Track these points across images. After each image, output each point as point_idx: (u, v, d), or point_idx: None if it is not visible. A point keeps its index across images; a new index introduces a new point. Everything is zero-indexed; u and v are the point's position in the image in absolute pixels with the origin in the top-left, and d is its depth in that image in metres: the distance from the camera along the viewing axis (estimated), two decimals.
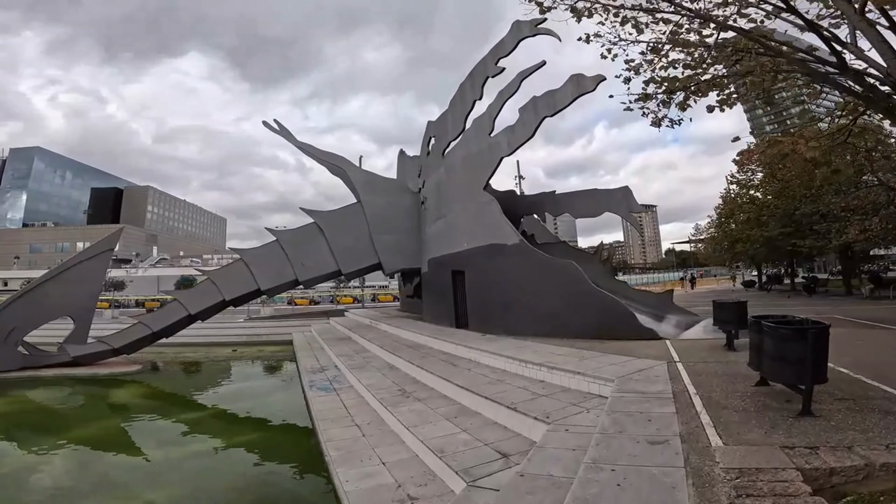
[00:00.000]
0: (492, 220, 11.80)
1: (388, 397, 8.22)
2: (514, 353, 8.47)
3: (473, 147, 13.05)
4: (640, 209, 14.49)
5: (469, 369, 8.72)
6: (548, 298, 10.39)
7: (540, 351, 8.53)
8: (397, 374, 10.27)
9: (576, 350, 8.37)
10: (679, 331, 10.69)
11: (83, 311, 17.73)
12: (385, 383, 9.42)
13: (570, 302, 10.03)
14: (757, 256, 26.85)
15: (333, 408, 8.75)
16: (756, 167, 24.70)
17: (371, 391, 8.84)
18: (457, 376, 8.18)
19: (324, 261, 18.21)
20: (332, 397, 9.70)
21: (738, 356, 7.26)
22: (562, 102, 10.66)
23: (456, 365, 9.28)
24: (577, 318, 9.91)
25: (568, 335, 9.87)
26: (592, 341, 9.25)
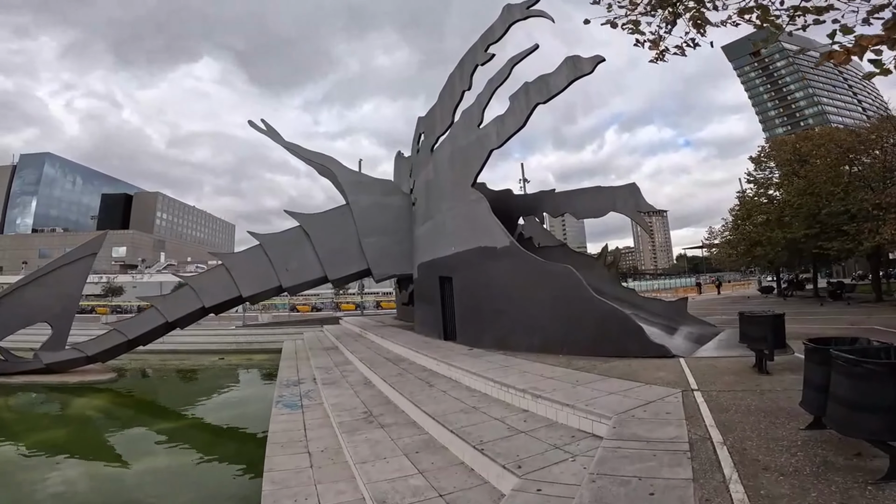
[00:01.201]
0: (480, 221, 10.53)
1: (350, 421, 7.06)
2: (497, 374, 7.16)
3: (462, 140, 11.83)
4: (649, 207, 13.08)
5: (445, 391, 7.44)
6: (542, 308, 9.07)
7: (529, 372, 7.20)
8: (370, 392, 9.09)
9: (571, 371, 7.03)
10: (695, 346, 9.27)
11: (61, 317, 17.04)
12: (353, 403, 8.27)
13: (567, 313, 8.69)
14: (777, 260, 24.99)
15: (291, 429, 7.66)
16: (776, 164, 23.07)
17: (334, 412, 7.70)
18: (428, 401, 6.91)
19: (309, 266, 17.14)
20: (296, 416, 8.56)
21: (774, 382, 5.88)
22: (556, 87, 9.40)
23: (432, 385, 8.01)
24: (575, 331, 8.57)
25: (565, 350, 8.55)
26: (593, 359, 7.91)
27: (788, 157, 21.89)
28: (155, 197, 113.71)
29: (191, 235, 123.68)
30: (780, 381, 5.96)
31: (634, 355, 7.81)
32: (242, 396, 15.28)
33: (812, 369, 3.76)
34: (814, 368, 3.73)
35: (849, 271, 49.15)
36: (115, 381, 16.45)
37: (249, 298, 17.55)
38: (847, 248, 18.72)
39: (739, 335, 7.18)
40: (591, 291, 8.31)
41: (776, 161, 23.22)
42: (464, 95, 12.38)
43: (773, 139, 27.59)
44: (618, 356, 7.91)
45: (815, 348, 3.71)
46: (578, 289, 8.50)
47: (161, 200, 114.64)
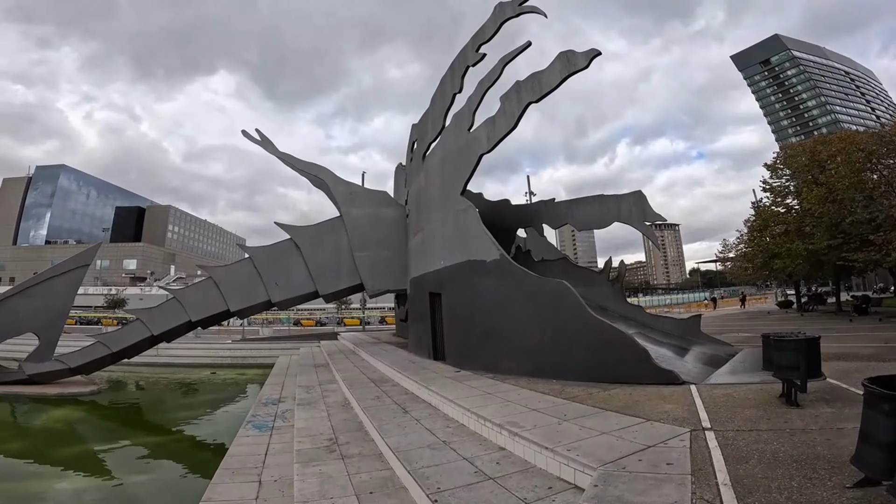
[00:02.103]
0: (469, 232, 9.72)
1: (310, 449, 6.25)
2: (476, 403, 6.24)
3: (452, 146, 11.10)
4: (657, 217, 12.14)
5: (419, 420, 6.56)
6: (534, 328, 8.15)
7: (513, 401, 6.27)
8: (345, 416, 8.28)
9: (561, 402, 6.08)
10: (709, 369, 8.23)
11: (49, 328, 16.78)
12: (321, 428, 7.46)
13: (561, 334, 7.76)
14: (797, 273, 23.49)
15: (251, 453, 6.98)
16: (793, 171, 21.86)
17: (298, 437, 6.93)
18: (395, 431, 6.05)
19: (299, 281, 16.53)
20: (262, 439, 7.88)
21: (807, 418, 4.88)
22: (549, 85, 8.65)
23: (408, 412, 7.14)
24: (570, 354, 7.63)
25: (560, 375, 7.60)
26: (591, 385, 6.96)
27: (806, 163, 20.70)
28: (167, 210, 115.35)
29: (202, 249, 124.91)
30: (815, 416, 4.96)
31: (638, 382, 6.84)
32: (222, 413, 14.60)
33: (873, 420, 2.82)
34: (877, 419, 2.78)
35: (869, 284, 46.97)
36: (98, 394, 16.13)
37: (237, 313, 16.96)
38: (873, 260, 17.39)
39: (764, 361, 6.17)
40: (589, 310, 7.38)
41: (793, 167, 22.03)
42: (455, 99, 11.72)
43: (788, 144, 26.33)
44: (619, 383, 6.95)
45: (882, 394, 2.75)
46: (574, 307, 7.58)
47: (173, 214, 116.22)
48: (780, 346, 5.68)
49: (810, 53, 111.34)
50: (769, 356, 5.97)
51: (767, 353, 6.05)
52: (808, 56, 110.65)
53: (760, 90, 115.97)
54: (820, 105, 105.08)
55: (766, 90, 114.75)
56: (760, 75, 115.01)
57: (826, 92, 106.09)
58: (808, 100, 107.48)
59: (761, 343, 6.37)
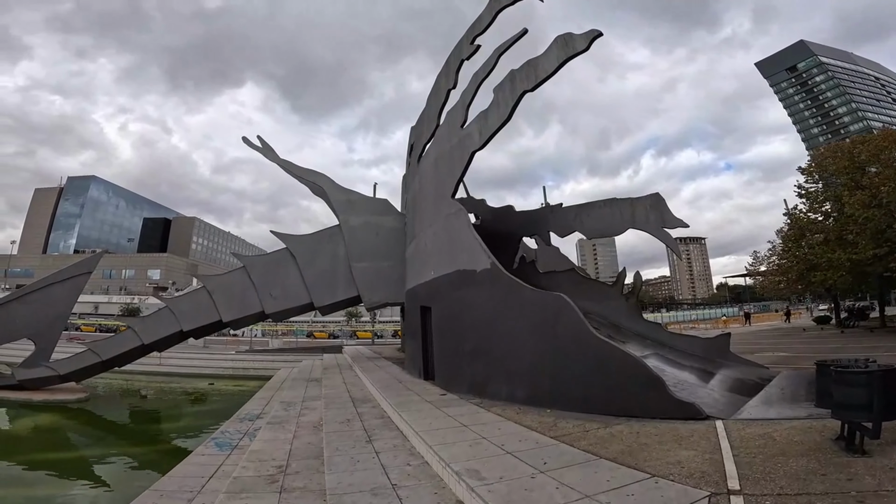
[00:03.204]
0: (459, 238, 8.72)
1: (250, 477, 5.38)
2: (443, 438, 5.19)
3: (445, 145, 10.19)
4: (678, 223, 10.81)
5: (379, 453, 5.51)
6: (528, 348, 7.01)
7: (488, 438, 5.14)
8: (312, 438, 7.36)
9: (547, 442, 4.91)
10: (739, 399, 6.91)
11: (46, 334, 16.62)
12: (277, 452, 6.53)
13: (558, 355, 6.60)
14: (838, 286, 21.26)
15: (194, 475, 6.23)
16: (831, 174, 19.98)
17: (245, 462, 6.09)
18: (344, 466, 5.07)
19: (294, 292, 15.83)
20: (217, 460, 7.04)
21: (880, 474, 3.61)
22: (545, 71, 7.66)
23: (372, 440, 6.13)
24: (569, 379, 6.45)
25: (556, 404, 6.43)
26: (591, 419, 5.78)
27: (845, 165, 18.88)
28: (192, 222, 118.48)
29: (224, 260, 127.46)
30: (891, 469, 3.68)
31: (650, 416, 5.63)
32: (210, 426, 13.96)
33: None
34: None
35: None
36: (86, 402, 15.83)
37: (230, 324, 16.37)
38: None
39: (817, 395, 4.87)
40: (590, 328, 6.21)
41: (830, 170, 20.14)
42: (449, 95, 10.84)
43: (825, 145, 24.25)
44: (627, 416, 5.75)
45: None
46: (574, 324, 6.42)
47: (197, 225, 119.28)
48: (845, 380, 4.31)
49: (838, 59, 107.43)
50: (825, 389, 4.67)
51: (823, 386, 4.74)
52: (837, 62, 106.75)
53: (788, 97, 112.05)
54: (851, 112, 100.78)
55: (793, 97, 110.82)
56: (787, 82, 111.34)
57: (857, 98, 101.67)
58: (838, 106, 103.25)
59: (815, 373, 5.05)
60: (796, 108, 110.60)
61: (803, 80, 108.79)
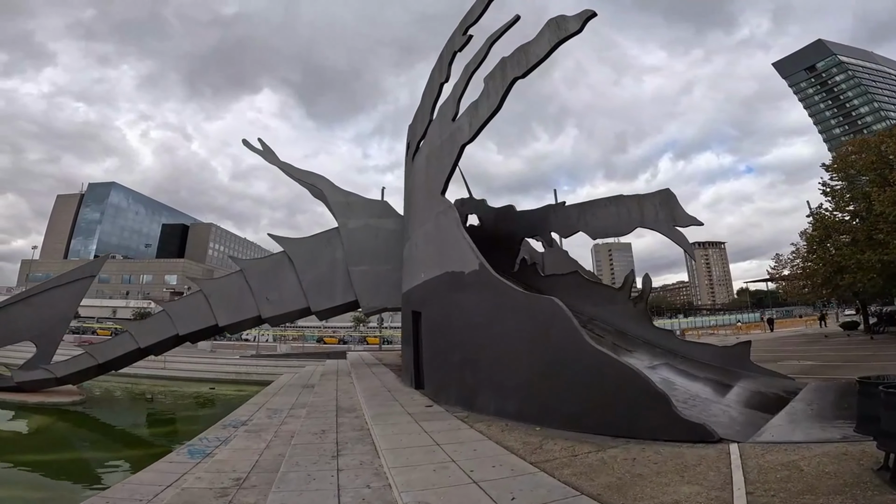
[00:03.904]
0: (447, 237, 8.12)
1: (201, 489, 5.04)
2: (407, 459, 4.64)
3: (437, 140, 9.65)
4: (690, 221, 10.00)
5: (342, 471, 4.94)
6: (518, 357, 6.35)
7: (459, 461, 4.51)
8: (281, 449, 6.86)
9: (525, 468, 4.24)
10: (760, 416, 6.10)
11: (48, 337, 16.69)
12: (242, 463, 6.11)
13: (551, 366, 5.92)
14: (867, 289, 19.79)
15: (151, 483, 5.82)
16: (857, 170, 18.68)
17: (202, 473, 5.78)
18: (293, 484, 4.54)
19: (291, 296, 15.44)
20: (182, 468, 6.59)
21: None
22: (537, 56, 7.06)
23: (340, 456, 5.57)
24: (562, 394, 5.77)
25: (548, 421, 5.76)
26: (584, 438, 5.11)
27: (872, 161, 17.64)
28: (209, 228, 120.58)
29: None
30: None
31: (652, 437, 4.92)
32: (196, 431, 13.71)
33: None
34: None
35: None
36: (80, 404, 15.85)
37: (227, 328, 16.09)
38: None
39: (859, 420, 4.09)
40: (585, 335, 5.53)
41: (857, 166, 18.85)
42: (442, 89, 10.31)
43: (850, 141, 22.82)
44: (626, 436, 5.05)
45: None
46: (567, 332, 5.75)
47: (214, 231, 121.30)
48: (893, 402, 3.45)
49: (859, 58, 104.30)
50: (869, 412, 3.88)
51: (867, 408, 3.96)
52: (857, 61, 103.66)
53: (808, 97, 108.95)
54: (874, 111, 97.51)
55: (813, 97, 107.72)
56: (807, 82, 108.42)
57: (879, 97, 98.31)
58: (859, 106, 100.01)
59: (857, 392, 4.25)
60: (817, 108, 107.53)
61: (823, 80, 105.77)
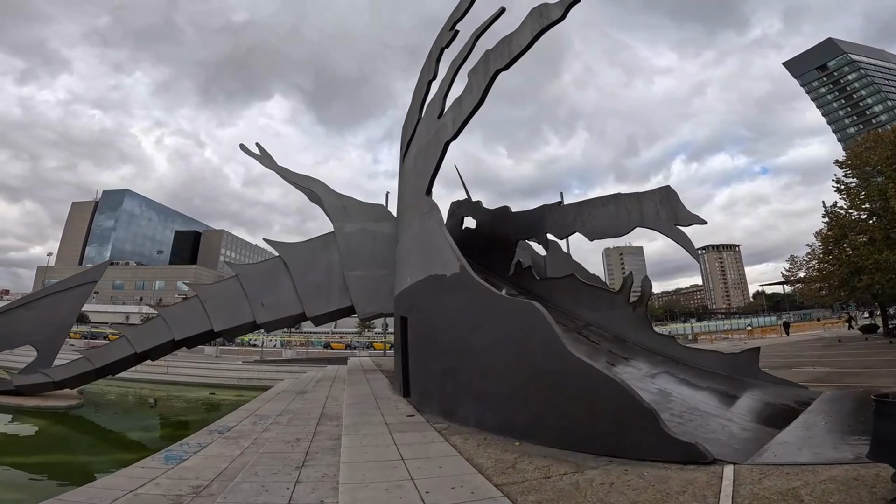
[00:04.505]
0: (431, 239, 7.77)
1: (153, 496, 4.91)
2: (362, 475, 4.28)
3: (423, 139, 9.34)
4: (693, 219, 9.44)
5: (300, 482, 4.68)
6: (498, 366, 5.94)
7: (419, 478, 4.10)
8: (255, 457, 6.52)
9: (487, 491, 3.78)
10: (766, 432, 5.57)
11: (49, 341, 16.64)
12: (206, 472, 5.91)
13: (533, 376, 5.49)
14: (886, 290, 18.74)
15: (112, 487, 5.45)
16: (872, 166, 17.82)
17: (162, 478, 5.60)
18: (243, 493, 4.30)
19: (286, 301, 15.21)
20: (152, 473, 6.24)
21: None
22: (519, 46, 6.73)
23: (304, 467, 5.30)
24: (544, 407, 5.34)
25: (530, 435, 5.33)
26: (565, 457, 4.68)
27: (888, 156, 16.79)
28: (220, 235, 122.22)
29: None
30: None
31: (638, 457, 4.47)
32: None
33: None
34: None
35: None
36: (76, 409, 15.81)
37: (222, 333, 15.95)
38: None
39: (874, 445, 3.54)
40: (565, 343, 5.09)
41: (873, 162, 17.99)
42: (430, 86, 10.01)
43: (864, 135, 21.85)
44: (610, 455, 4.60)
45: None
46: (548, 340, 5.30)
47: (226, 238, 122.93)
48: None
49: (870, 56, 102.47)
50: (886, 436, 3.36)
51: (884, 432, 3.42)
52: (869, 59, 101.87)
53: (821, 97, 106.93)
54: (888, 109, 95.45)
55: (826, 97, 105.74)
56: (819, 81, 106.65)
57: (892, 95, 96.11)
58: (873, 105, 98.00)
59: (873, 411, 3.72)
60: (830, 107, 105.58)
61: (835, 79, 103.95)
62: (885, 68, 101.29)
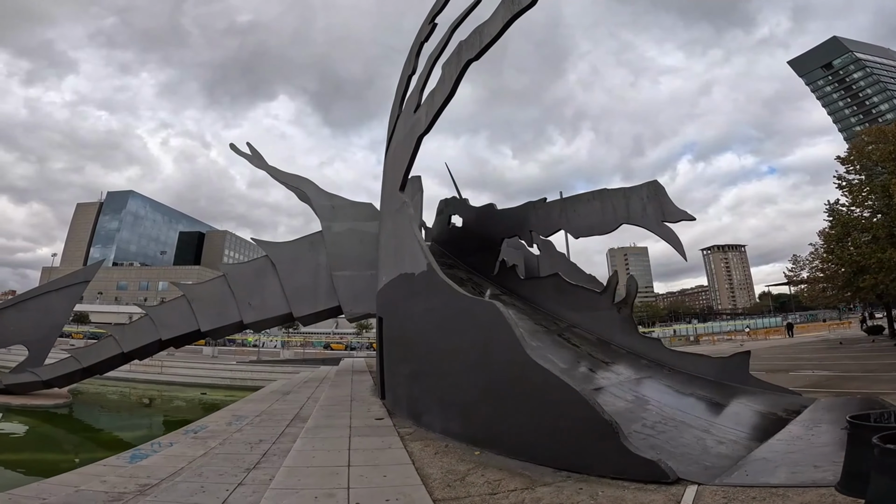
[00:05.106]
0: (402, 237, 7.51)
1: (95, 493, 4.61)
2: (291, 482, 4.07)
3: (400, 134, 9.09)
4: (681, 215, 9.06)
5: (241, 485, 4.50)
6: (460, 370, 5.65)
7: (358, 486, 3.81)
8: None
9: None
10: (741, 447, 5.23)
11: (40, 341, 16.75)
12: (161, 470, 5.56)
13: (492, 382, 5.18)
14: (890, 291, 18.11)
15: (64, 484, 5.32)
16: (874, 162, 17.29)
17: (115, 476, 5.37)
18: (176, 493, 4.19)
19: (274, 301, 15.07)
20: (112, 471, 6.02)
21: None
22: (490, 34, 6.44)
23: (257, 468, 5.15)
24: (505, 415, 5.03)
25: (492, 444, 5.03)
26: (523, 469, 4.39)
27: (891, 151, 16.26)
28: (223, 236, 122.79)
29: None
30: None
31: (598, 473, 4.14)
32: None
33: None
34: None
35: None
36: (64, 407, 15.99)
37: (209, 333, 15.85)
38: None
39: (844, 476, 3.15)
40: (524, 347, 4.77)
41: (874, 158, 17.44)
42: (410, 81, 9.75)
43: (866, 130, 21.25)
44: (571, 470, 4.28)
45: None
46: (506, 342, 4.94)
47: (229, 239, 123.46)
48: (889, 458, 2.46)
49: (876, 55, 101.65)
50: (857, 467, 2.93)
51: (856, 463, 3.00)
52: (875, 58, 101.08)
53: (826, 95, 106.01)
54: (894, 108, 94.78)
55: (832, 95, 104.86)
56: (825, 80, 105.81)
57: None
58: (879, 103, 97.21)
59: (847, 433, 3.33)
60: (836, 106, 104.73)
61: (840, 78, 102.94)
62: (891, 67, 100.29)
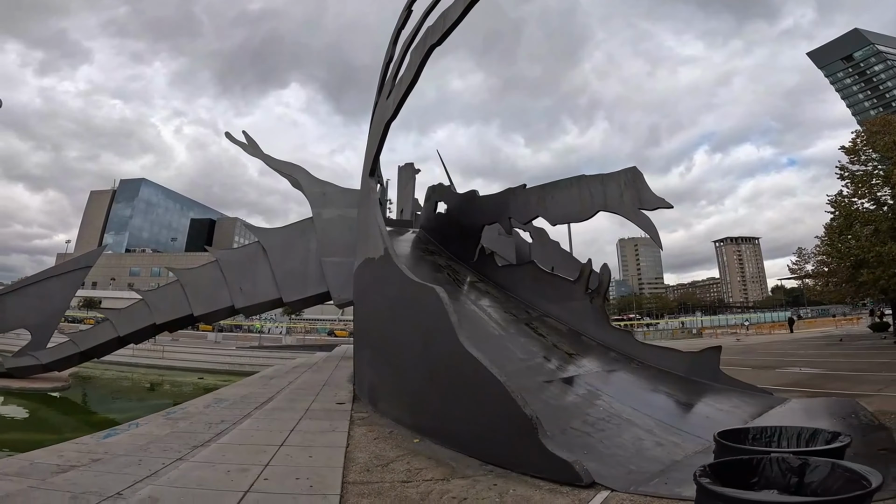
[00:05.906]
0: (366, 222, 7.53)
1: (47, 465, 4.64)
2: (214, 457, 4.08)
3: (375, 120, 9.05)
4: (658, 202, 8.79)
5: (179, 461, 4.49)
6: (407, 357, 5.68)
7: (274, 464, 3.89)
8: None
9: (329, 488, 3.55)
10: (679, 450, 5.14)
11: (42, 326, 16.95)
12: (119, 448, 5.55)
13: (433, 370, 5.18)
14: (891, 286, 17.51)
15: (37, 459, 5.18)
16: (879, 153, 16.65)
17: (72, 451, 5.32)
18: (106, 467, 4.15)
19: (264, 287, 15.30)
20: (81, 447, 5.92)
21: None
22: (451, 18, 6.36)
23: (206, 447, 5.12)
24: (443, 404, 5.05)
25: (434, 433, 5.05)
26: (452, 460, 4.43)
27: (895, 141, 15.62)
28: (233, 223, 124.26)
29: None
30: None
31: (519, 469, 4.09)
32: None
33: None
34: None
35: None
36: (62, 390, 16.21)
37: (202, 318, 16.12)
38: None
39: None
40: (458, 335, 4.76)
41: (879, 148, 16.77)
42: (388, 68, 9.66)
43: (872, 120, 20.42)
44: (496, 464, 4.25)
45: None
46: (443, 330, 4.85)
47: (239, 226, 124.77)
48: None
49: None
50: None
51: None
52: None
53: (846, 87, 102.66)
54: None
55: (852, 87, 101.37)
56: (844, 72, 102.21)
57: None
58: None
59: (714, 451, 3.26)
60: (855, 98, 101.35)
61: (861, 70, 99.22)
62: None
